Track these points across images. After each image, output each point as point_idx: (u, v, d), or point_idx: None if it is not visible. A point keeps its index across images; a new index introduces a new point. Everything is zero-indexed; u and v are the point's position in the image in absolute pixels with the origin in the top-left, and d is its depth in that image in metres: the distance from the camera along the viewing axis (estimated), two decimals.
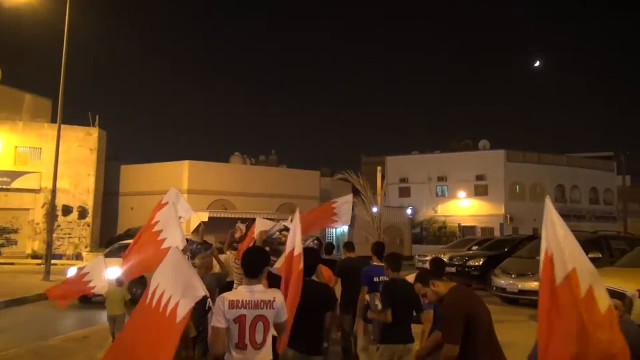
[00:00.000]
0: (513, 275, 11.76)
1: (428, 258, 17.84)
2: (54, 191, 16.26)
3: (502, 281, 12.04)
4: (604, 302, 2.78)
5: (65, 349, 6.91)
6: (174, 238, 5.35)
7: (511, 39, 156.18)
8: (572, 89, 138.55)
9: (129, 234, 26.31)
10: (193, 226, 23.53)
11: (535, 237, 15.11)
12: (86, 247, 26.40)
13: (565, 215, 22.06)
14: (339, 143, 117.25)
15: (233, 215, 25.39)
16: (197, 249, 6.18)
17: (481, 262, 14.53)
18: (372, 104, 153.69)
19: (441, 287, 3.70)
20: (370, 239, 13.30)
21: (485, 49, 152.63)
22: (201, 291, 3.24)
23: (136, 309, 3.44)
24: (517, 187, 40.55)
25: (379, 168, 13.51)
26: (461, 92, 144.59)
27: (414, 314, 4.85)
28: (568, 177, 41.78)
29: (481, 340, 3.40)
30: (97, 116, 28.04)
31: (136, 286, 10.20)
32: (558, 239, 2.86)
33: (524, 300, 12.01)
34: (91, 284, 6.19)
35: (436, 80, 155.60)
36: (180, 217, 5.80)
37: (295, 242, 4.28)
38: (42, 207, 17.40)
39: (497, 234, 35.39)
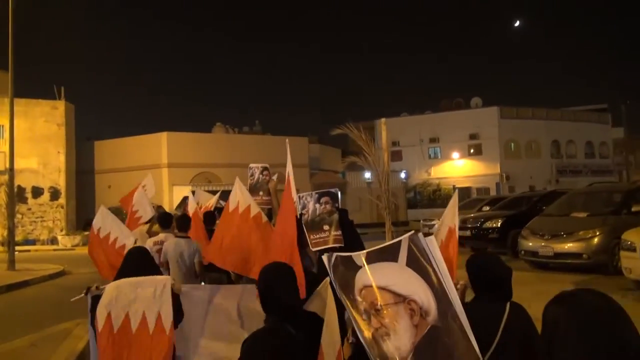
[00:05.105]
0: (546, 237, 10.17)
1: (435, 223, 16.32)
2: (11, 170, 14.28)
3: (531, 243, 10.50)
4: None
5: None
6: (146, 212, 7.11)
7: None
8: (561, 42, 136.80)
9: None
10: (177, 201, 21.77)
11: (559, 192, 13.54)
12: (61, 231, 24.53)
13: (561, 171, 20.48)
14: (324, 111, 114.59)
15: (218, 188, 23.57)
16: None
17: (499, 224, 12.99)
18: (356, 67, 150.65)
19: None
20: (372, 204, 11.70)
21: (470, 5, 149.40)
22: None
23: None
24: (512, 144, 39.25)
25: (382, 120, 11.69)
26: (449, 50, 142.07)
27: None
28: (563, 131, 40.49)
29: None
30: (62, 88, 25.73)
31: None
32: None
33: (554, 264, 10.55)
34: (142, 219, 6.97)
35: (421, 39, 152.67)
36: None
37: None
38: None
39: (493, 193, 34.20)
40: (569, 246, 9.76)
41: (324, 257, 2.25)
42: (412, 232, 2.05)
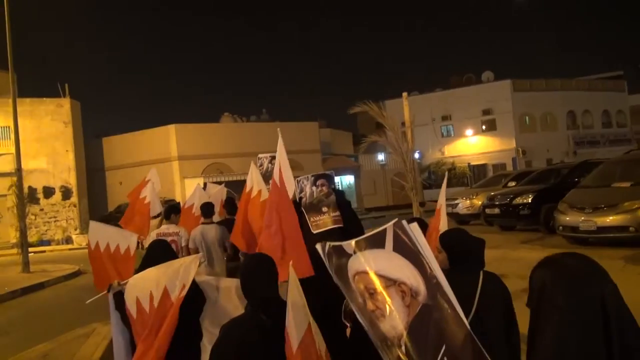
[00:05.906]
0: (587, 210, 9.51)
1: (459, 202, 15.70)
2: (19, 170, 13.85)
3: (570, 218, 9.84)
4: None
5: None
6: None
7: None
8: (569, 11, 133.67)
9: (120, 210, 24.06)
10: (189, 193, 21.29)
11: (593, 162, 12.81)
12: (76, 229, 24.23)
13: (579, 143, 19.42)
14: (332, 95, 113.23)
15: (231, 179, 23.07)
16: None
17: (530, 199, 12.32)
18: (361, 49, 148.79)
19: None
20: (387, 186, 11.09)
21: None
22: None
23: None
24: (527, 118, 38.25)
25: (404, 95, 11.02)
26: (455, 24, 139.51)
27: None
28: (579, 102, 39.35)
29: None
30: (66, 85, 25.22)
31: None
32: None
33: (595, 239, 9.91)
34: (151, 206, 7.33)
35: (427, 16, 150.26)
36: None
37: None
38: (9, 189, 14.97)
39: (509, 169, 33.38)
40: (613, 219, 9.10)
41: (318, 246, 2.41)
42: (396, 219, 2.14)
